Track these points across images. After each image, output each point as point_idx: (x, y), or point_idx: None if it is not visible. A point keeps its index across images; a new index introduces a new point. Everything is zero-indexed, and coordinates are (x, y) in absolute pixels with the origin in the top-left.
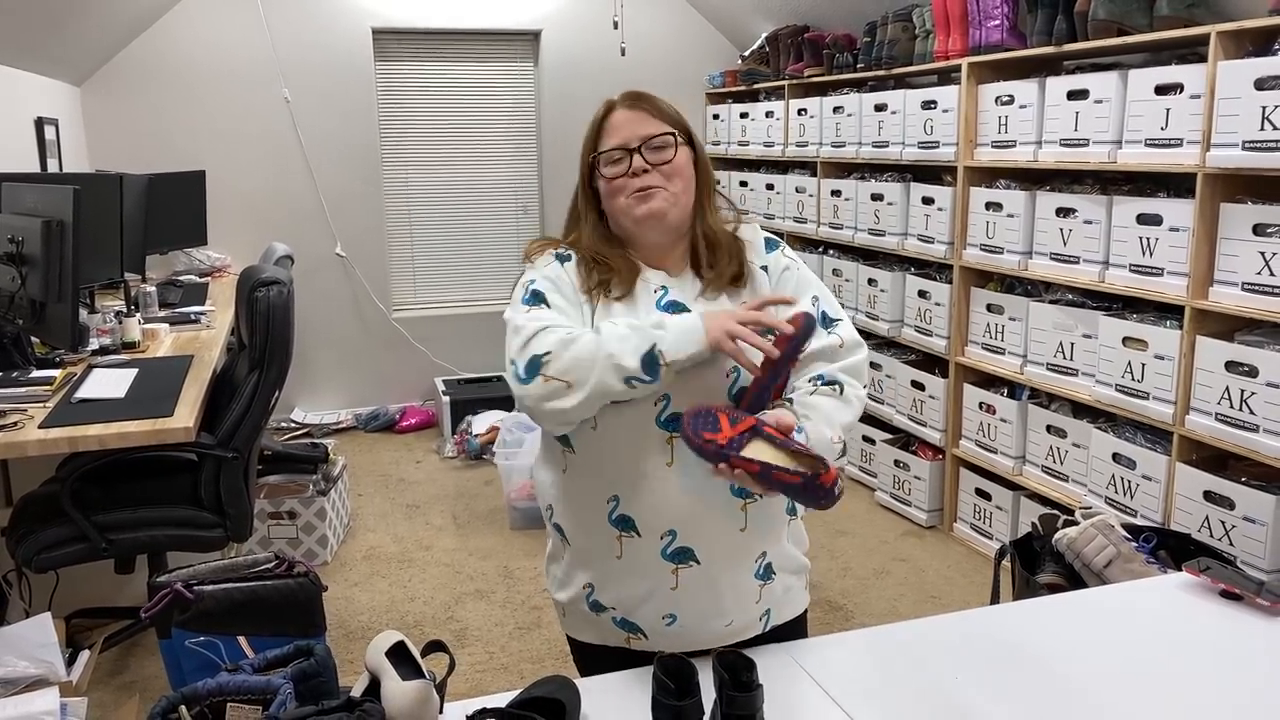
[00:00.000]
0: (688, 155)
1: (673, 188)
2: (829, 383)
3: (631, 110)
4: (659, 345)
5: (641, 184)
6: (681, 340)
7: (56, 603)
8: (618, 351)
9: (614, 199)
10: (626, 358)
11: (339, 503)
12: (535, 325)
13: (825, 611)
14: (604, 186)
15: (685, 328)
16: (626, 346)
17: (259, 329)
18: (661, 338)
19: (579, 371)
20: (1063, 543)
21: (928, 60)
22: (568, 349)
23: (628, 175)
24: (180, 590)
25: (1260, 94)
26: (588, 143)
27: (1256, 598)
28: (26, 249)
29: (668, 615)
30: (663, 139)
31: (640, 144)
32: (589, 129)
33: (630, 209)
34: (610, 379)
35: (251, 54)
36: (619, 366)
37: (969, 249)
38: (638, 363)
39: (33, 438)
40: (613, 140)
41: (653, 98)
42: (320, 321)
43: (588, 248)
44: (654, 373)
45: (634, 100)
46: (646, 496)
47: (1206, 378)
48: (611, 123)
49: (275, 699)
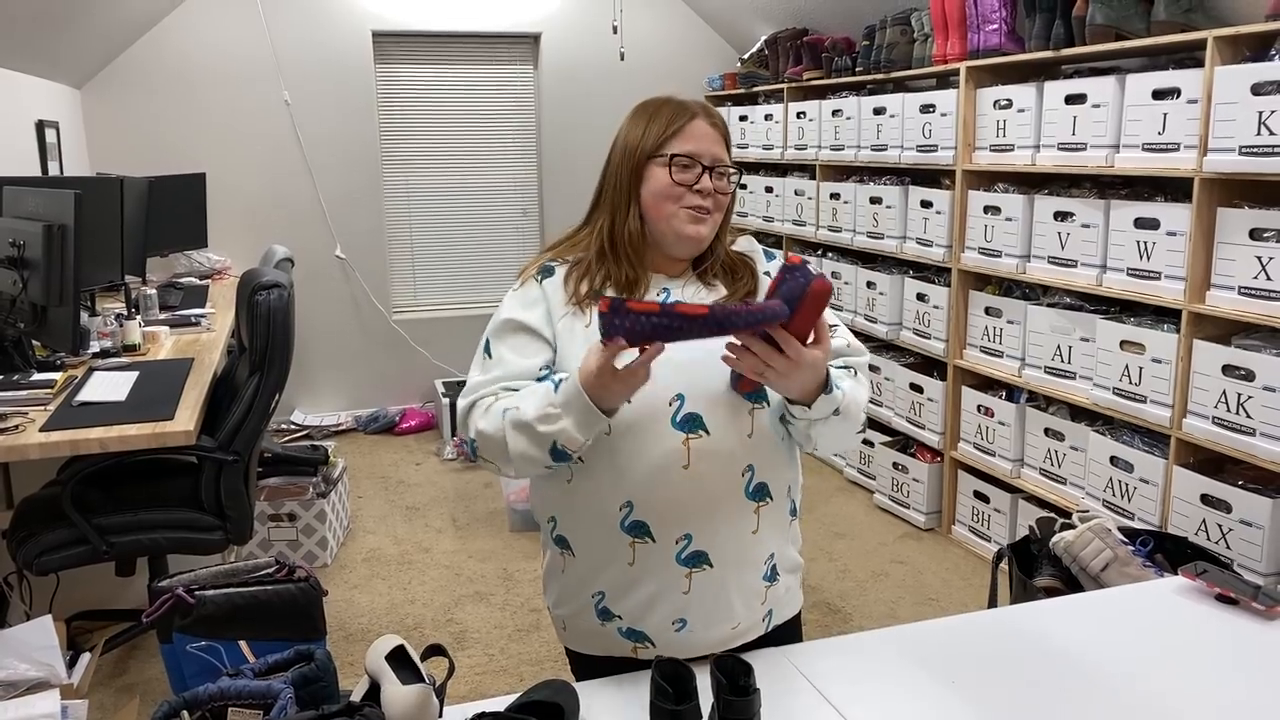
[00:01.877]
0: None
1: (717, 218)
2: (843, 367)
3: (712, 128)
4: (559, 441)
5: (701, 203)
6: (583, 425)
7: (57, 605)
8: (525, 451)
9: (665, 203)
10: (535, 452)
11: (339, 505)
12: (465, 402)
13: (824, 614)
14: (659, 185)
15: (581, 408)
16: (531, 444)
17: (259, 332)
18: (560, 432)
19: (501, 458)
20: (1060, 546)
21: (926, 64)
22: (487, 440)
23: (690, 188)
24: (181, 595)
25: (1257, 99)
26: (653, 135)
27: (1252, 602)
28: (28, 253)
29: (678, 620)
30: (729, 171)
31: (713, 165)
32: (655, 121)
33: (681, 223)
34: (532, 469)
35: (252, 56)
36: (533, 460)
37: (967, 252)
38: (547, 455)
39: (34, 441)
40: (690, 147)
41: (724, 120)
42: (320, 324)
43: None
44: (567, 457)
45: (714, 118)
46: (662, 500)
47: (1203, 381)
48: (692, 130)
49: (276, 703)
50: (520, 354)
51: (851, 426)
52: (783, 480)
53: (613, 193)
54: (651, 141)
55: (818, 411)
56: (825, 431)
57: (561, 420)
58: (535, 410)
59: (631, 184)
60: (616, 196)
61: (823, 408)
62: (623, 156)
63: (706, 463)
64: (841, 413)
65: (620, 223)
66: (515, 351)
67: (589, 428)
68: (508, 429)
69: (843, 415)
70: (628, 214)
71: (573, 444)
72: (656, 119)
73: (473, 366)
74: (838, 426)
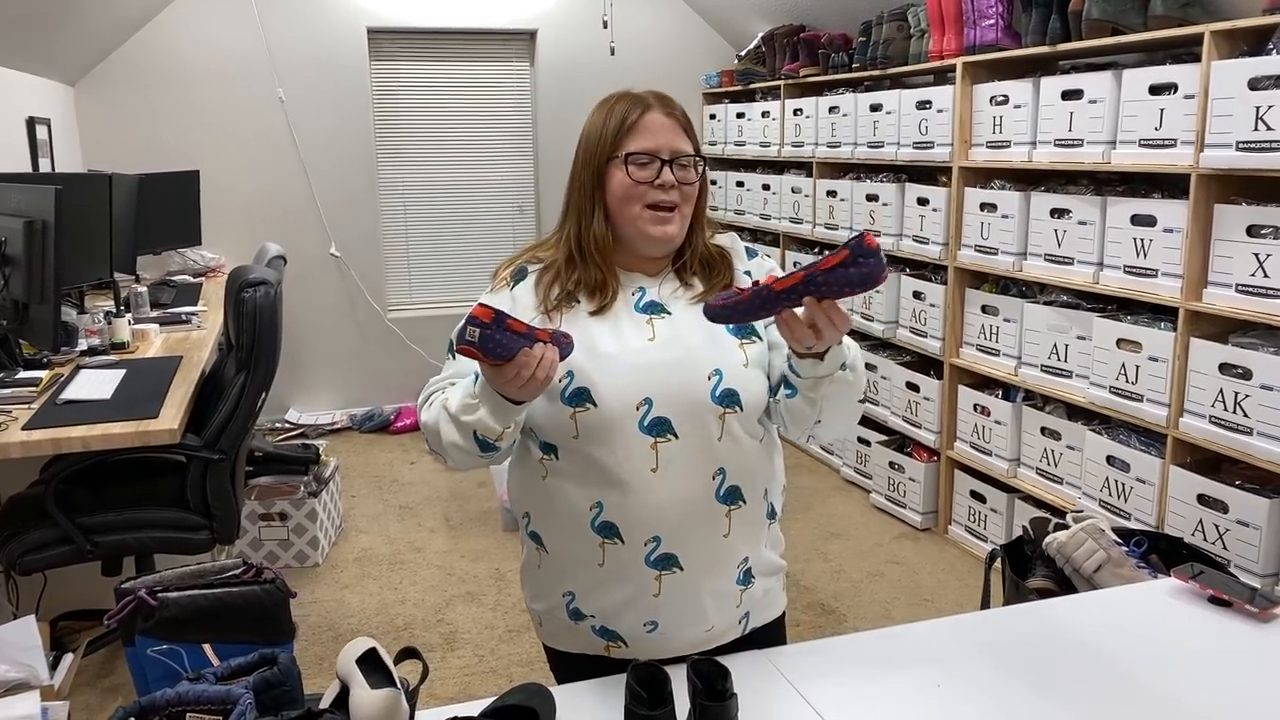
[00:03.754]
0: (699, 179)
1: (685, 210)
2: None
3: (667, 118)
4: (478, 430)
5: (664, 199)
6: (496, 414)
7: (44, 605)
8: (455, 440)
9: (629, 205)
10: (464, 442)
11: (330, 504)
12: (424, 395)
13: (818, 615)
14: (622, 187)
15: (490, 399)
16: (457, 432)
17: (246, 330)
18: (478, 422)
19: (439, 448)
20: (1053, 547)
21: (923, 60)
22: (427, 430)
23: (652, 185)
24: (143, 597)
25: (1254, 94)
26: (608, 135)
27: (1245, 604)
28: (9, 249)
29: (649, 622)
30: (691, 160)
31: (672, 157)
32: (609, 120)
33: (646, 225)
34: (466, 459)
35: (246, 53)
36: (464, 450)
37: (963, 250)
38: (474, 444)
39: (16, 439)
40: (645, 143)
41: (683, 109)
42: (315, 322)
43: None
44: (494, 449)
45: (668, 107)
46: (631, 502)
47: (1200, 380)
48: (647, 123)
49: (235, 709)
50: None
51: (855, 392)
52: (758, 483)
53: (577, 198)
54: (608, 142)
55: (829, 364)
56: (833, 395)
57: (479, 410)
58: (457, 401)
59: (594, 188)
60: (581, 201)
61: (834, 360)
62: (583, 161)
63: (675, 466)
64: (849, 367)
65: (586, 228)
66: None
67: (503, 416)
68: (440, 420)
69: (851, 370)
70: (592, 218)
71: (490, 433)
72: (611, 117)
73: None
74: (844, 390)
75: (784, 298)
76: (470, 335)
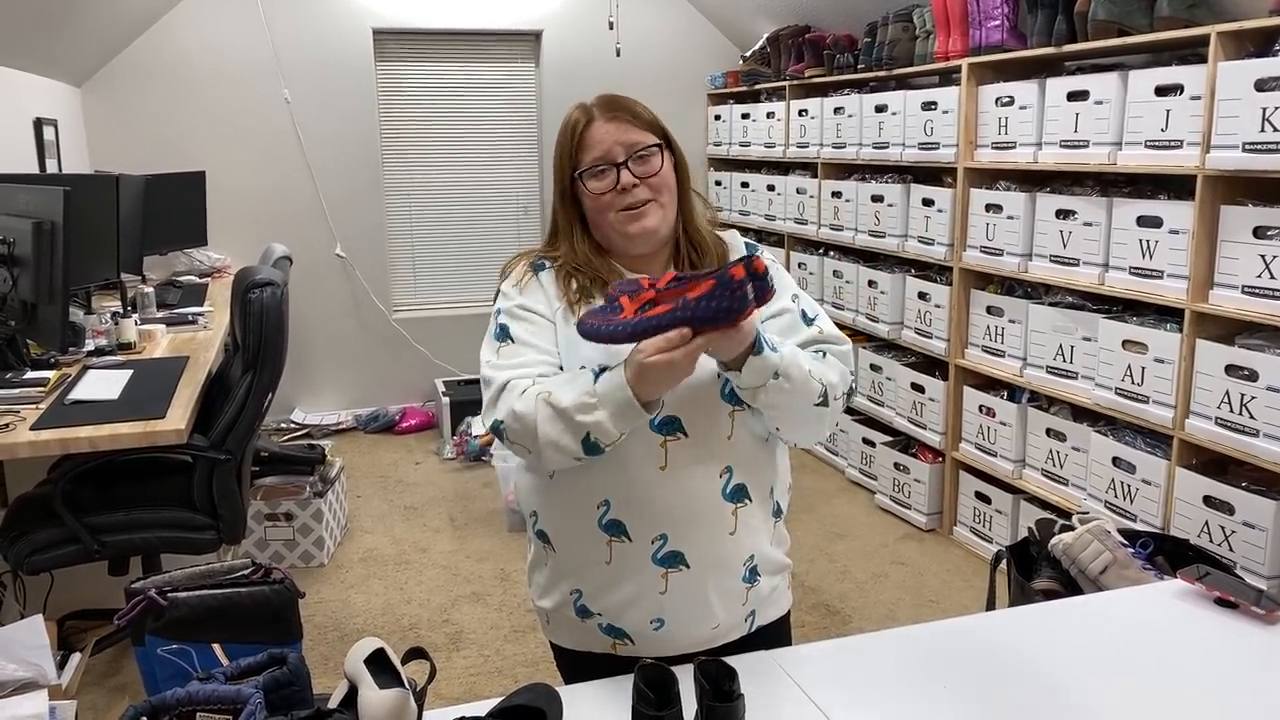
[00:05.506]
0: (670, 162)
1: (662, 199)
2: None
3: (610, 121)
4: (593, 433)
5: (632, 200)
6: (619, 418)
7: (51, 604)
8: (556, 439)
9: (602, 215)
10: (567, 442)
11: (336, 504)
12: (499, 379)
13: (823, 615)
14: (590, 203)
15: (620, 401)
16: (565, 433)
17: (252, 330)
18: (596, 424)
19: (532, 444)
20: (1059, 548)
21: (928, 61)
22: (518, 421)
23: (615, 191)
24: (153, 597)
25: (1260, 95)
26: (564, 156)
27: (1252, 606)
28: (18, 250)
29: (655, 620)
30: (648, 150)
31: (626, 156)
32: (562, 138)
33: (622, 226)
34: (561, 459)
35: (252, 54)
36: (563, 449)
37: (969, 251)
38: (578, 446)
39: (24, 439)
40: (595, 154)
41: (629, 103)
42: (320, 322)
43: (571, 261)
44: (600, 452)
45: (611, 108)
46: (639, 500)
47: (1206, 381)
48: (591, 135)
49: (245, 708)
50: (540, 338)
51: (804, 399)
52: (764, 482)
53: (562, 220)
54: (567, 160)
55: (750, 377)
56: (775, 403)
57: (598, 411)
58: (572, 398)
59: (569, 209)
60: (564, 221)
61: (754, 371)
62: (556, 182)
63: (683, 464)
64: (782, 375)
65: (577, 245)
66: (535, 335)
67: (625, 421)
68: (540, 415)
69: (784, 379)
70: (574, 238)
71: (606, 437)
72: (563, 136)
73: (485, 350)
74: (787, 398)
75: (657, 326)
76: (753, 295)
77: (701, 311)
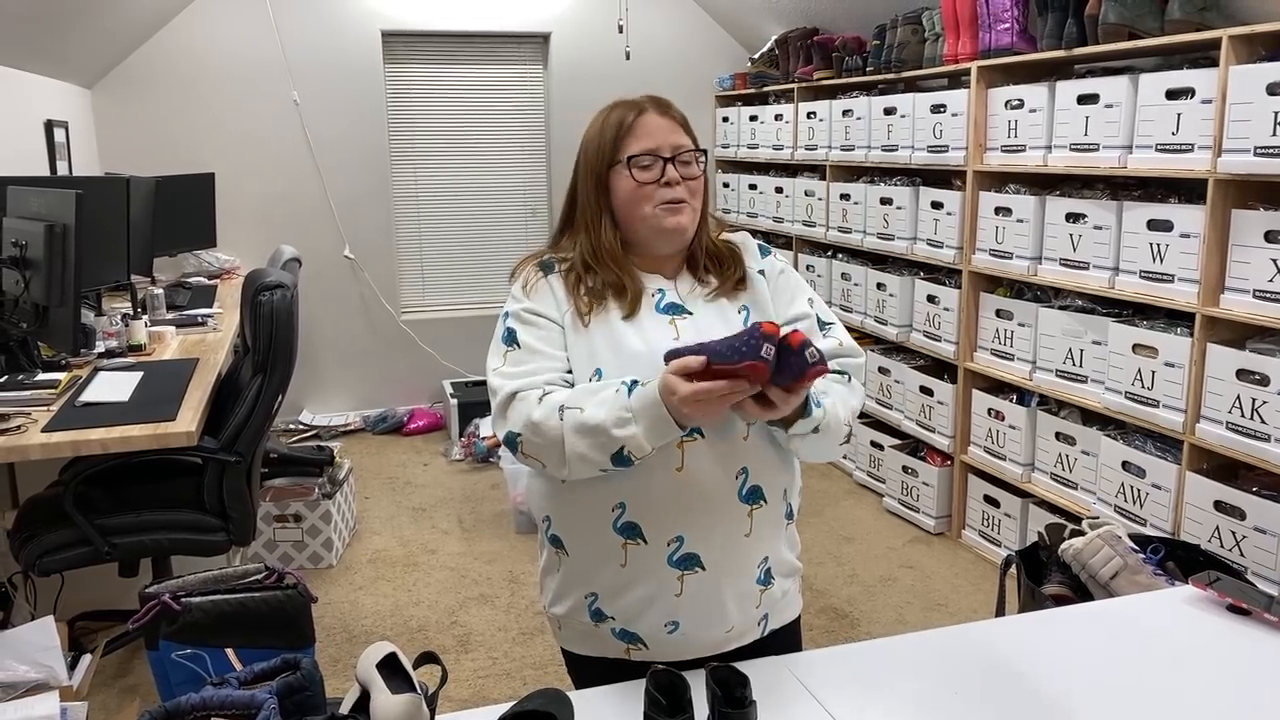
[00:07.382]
0: (703, 172)
1: (694, 204)
2: (838, 371)
3: (663, 117)
4: (626, 447)
5: (673, 196)
6: (653, 434)
7: (62, 606)
8: (586, 453)
9: (638, 206)
10: (595, 454)
11: (344, 506)
12: (508, 388)
13: (831, 619)
14: (628, 191)
15: (655, 418)
16: (594, 447)
17: (262, 333)
18: (630, 439)
19: (552, 456)
20: (1069, 553)
21: (937, 63)
22: (536, 433)
23: (659, 184)
24: (167, 602)
25: (1272, 99)
26: (607, 143)
27: (1264, 613)
28: (30, 253)
29: (670, 623)
30: (692, 154)
31: (673, 154)
32: (605, 129)
33: (658, 220)
34: (585, 470)
35: (261, 56)
36: (590, 461)
37: (978, 254)
38: (607, 459)
39: (35, 441)
40: (645, 144)
41: (678, 109)
42: (329, 324)
43: (583, 258)
44: (629, 463)
45: (664, 107)
46: (655, 502)
47: (1217, 386)
48: (643, 125)
49: (259, 713)
50: (548, 343)
51: (832, 441)
52: (778, 483)
53: (585, 210)
54: (608, 149)
55: (796, 431)
56: (803, 445)
57: (632, 426)
58: (607, 413)
59: (599, 198)
60: (588, 214)
61: (801, 429)
62: (585, 171)
63: (699, 465)
64: (821, 430)
65: (597, 238)
66: (543, 341)
67: (659, 437)
68: (567, 429)
69: (822, 433)
70: (601, 228)
71: (639, 451)
72: (607, 126)
73: (492, 355)
74: (817, 442)
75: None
76: (766, 353)
77: (719, 346)
